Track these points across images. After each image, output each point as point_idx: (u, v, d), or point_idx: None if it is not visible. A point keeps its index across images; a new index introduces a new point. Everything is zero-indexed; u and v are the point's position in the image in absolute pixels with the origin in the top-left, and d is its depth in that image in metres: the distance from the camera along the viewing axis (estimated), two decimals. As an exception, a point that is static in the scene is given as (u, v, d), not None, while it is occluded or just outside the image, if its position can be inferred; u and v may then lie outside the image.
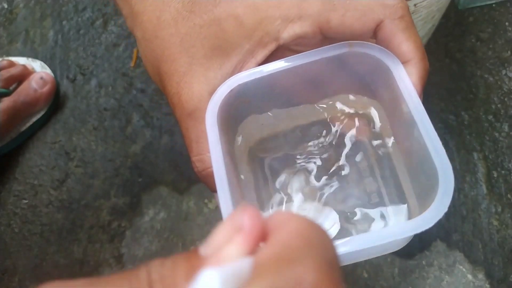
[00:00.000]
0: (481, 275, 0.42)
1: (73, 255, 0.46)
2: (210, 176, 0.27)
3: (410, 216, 0.28)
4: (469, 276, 0.42)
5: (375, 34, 0.26)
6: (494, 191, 0.45)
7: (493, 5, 0.53)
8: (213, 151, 0.25)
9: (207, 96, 0.27)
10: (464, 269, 0.42)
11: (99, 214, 0.48)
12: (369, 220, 0.30)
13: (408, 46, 0.25)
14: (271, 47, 0.27)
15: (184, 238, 0.46)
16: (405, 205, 0.29)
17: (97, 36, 0.58)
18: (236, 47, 0.26)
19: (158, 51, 0.27)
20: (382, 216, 0.30)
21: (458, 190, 0.45)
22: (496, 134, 0.47)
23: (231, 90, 0.26)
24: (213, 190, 0.28)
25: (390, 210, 0.30)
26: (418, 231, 0.22)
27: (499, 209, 0.44)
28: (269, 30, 0.26)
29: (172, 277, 0.14)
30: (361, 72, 0.29)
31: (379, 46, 0.26)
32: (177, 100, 0.27)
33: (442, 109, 0.48)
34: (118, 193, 0.49)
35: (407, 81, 0.25)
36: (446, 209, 0.22)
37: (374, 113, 0.32)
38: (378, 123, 0.31)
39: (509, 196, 0.44)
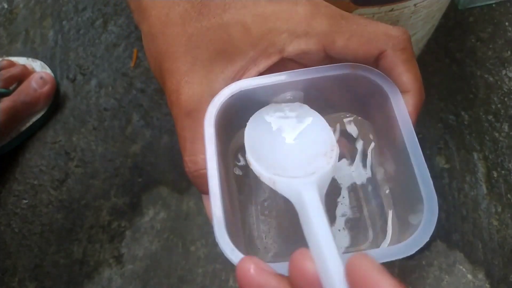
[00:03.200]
0: (481, 275, 0.42)
1: (73, 255, 0.46)
2: (201, 177, 0.27)
3: (389, 238, 0.29)
4: (469, 276, 0.42)
5: (376, 62, 0.27)
6: (494, 191, 0.45)
7: (493, 5, 0.53)
8: (209, 155, 0.25)
9: (207, 98, 0.27)
10: (464, 269, 0.42)
11: (99, 214, 0.48)
12: (348, 237, 0.30)
13: (408, 77, 0.26)
14: (275, 58, 0.27)
15: (184, 238, 0.46)
16: (386, 225, 0.29)
17: (97, 36, 0.58)
18: (240, 53, 0.27)
19: (163, 47, 0.28)
20: (365, 236, 0.30)
21: (458, 190, 0.45)
22: (496, 134, 0.47)
23: (232, 95, 0.27)
24: (202, 191, 0.28)
25: (370, 230, 0.30)
26: (400, 257, 0.22)
27: (499, 209, 0.44)
28: (275, 42, 0.27)
29: None
30: (358, 93, 0.29)
31: (380, 72, 0.27)
32: (175, 98, 0.27)
33: (442, 109, 0.48)
34: (118, 193, 0.49)
35: (404, 110, 0.26)
36: (428, 239, 0.23)
37: (365, 132, 0.32)
38: (366, 143, 0.32)
39: (509, 196, 0.44)
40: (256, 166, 0.25)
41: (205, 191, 0.28)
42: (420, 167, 0.24)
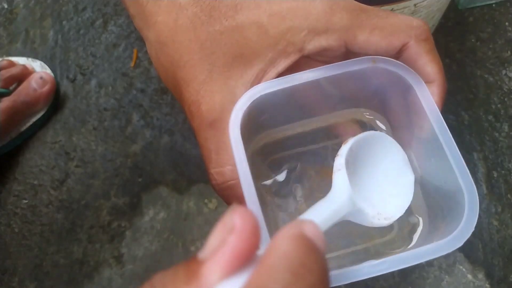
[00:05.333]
0: (481, 275, 0.42)
1: (73, 255, 0.46)
2: (230, 189, 0.26)
3: (419, 231, 0.28)
4: (469, 276, 0.42)
5: (399, 54, 0.26)
6: (494, 191, 0.45)
7: (493, 5, 0.53)
8: (240, 166, 0.24)
9: (229, 106, 0.25)
10: (464, 269, 0.42)
11: (99, 214, 0.48)
12: (372, 231, 0.29)
13: (432, 67, 0.26)
14: (294, 57, 0.26)
15: (184, 238, 0.46)
16: (415, 218, 0.29)
17: (97, 36, 0.58)
18: (258, 55, 0.26)
19: (175, 56, 0.26)
20: (389, 226, 0.29)
21: (458, 190, 0.45)
22: (496, 134, 0.47)
23: (253, 101, 0.25)
24: (230, 203, 0.27)
25: (395, 223, 0.29)
26: (449, 250, 0.22)
27: (499, 209, 0.44)
28: (295, 41, 0.26)
29: (172, 282, 0.15)
30: (375, 87, 0.29)
31: (402, 64, 0.26)
32: (195, 109, 0.26)
33: (442, 109, 0.48)
34: (118, 193, 0.49)
35: (431, 101, 0.26)
36: (473, 229, 0.23)
37: (380, 125, 0.32)
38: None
39: (509, 196, 0.44)
40: (344, 150, 0.25)
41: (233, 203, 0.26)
42: (455, 157, 0.24)
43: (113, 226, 0.47)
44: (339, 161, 0.25)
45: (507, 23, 0.52)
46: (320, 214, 0.21)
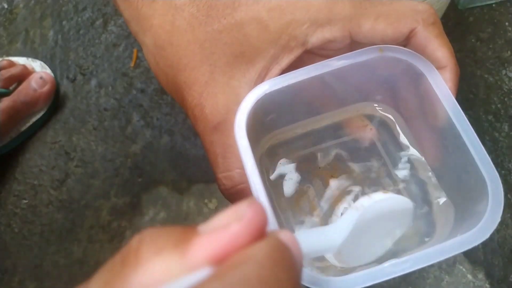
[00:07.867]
0: (481, 275, 0.42)
1: (73, 255, 0.46)
2: (240, 193, 0.25)
3: (441, 225, 0.27)
4: (469, 276, 0.42)
5: (407, 41, 0.25)
6: (494, 191, 0.45)
7: (493, 5, 0.53)
8: (249, 170, 0.23)
9: (234, 107, 0.25)
10: (464, 269, 0.42)
11: (99, 214, 0.48)
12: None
13: (443, 52, 0.25)
14: (297, 52, 0.25)
15: (184, 238, 0.46)
16: (430, 211, 0.28)
17: (97, 36, 0.58)
18: (260, 52, 0.25)
19: (174, 59, 0.25)
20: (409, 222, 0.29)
21: (458, 190, 0.45)
22: (496, 134, 0.47)
23: (258, 101, 0.25)
24: None
25: (419, 215, 0.29)
26: (476, 243, 0.21)
27: (499, 209, 0.44)
28: (297, 34, 0.25)
29: (162, 242, 0.14)
30: (383, 77, 0.28)
31: (411, 51, 0.25)
32: (199, 112, 0.25)
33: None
34: (118, 193, 0.49)
35: (444, 87, 0.24)
36: (499, 219, 0.22)
37: (390, 119, 0.31)
38: (398, 130, 0.31)
39: (509, 196, 0.44)
40: (378, 196, 0.25)
41: None
42: (475, 144, 0.23)
43: (113, 226, 0.47)
44: (364, 202, 0.24)
45: (507, 23, 0.52)
46: (309, 245, 0.20)
